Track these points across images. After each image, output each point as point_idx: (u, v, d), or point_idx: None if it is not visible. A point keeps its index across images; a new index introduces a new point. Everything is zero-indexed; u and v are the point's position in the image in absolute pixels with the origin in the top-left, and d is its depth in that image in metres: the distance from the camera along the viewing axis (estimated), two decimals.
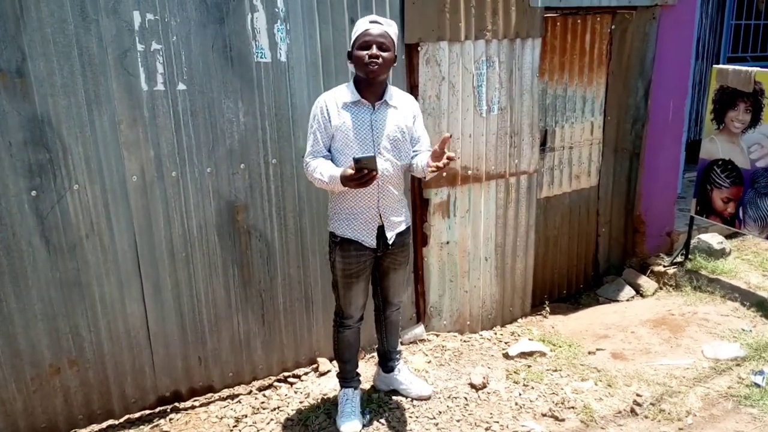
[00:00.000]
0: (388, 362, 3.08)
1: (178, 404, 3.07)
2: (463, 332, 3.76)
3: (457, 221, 3.58)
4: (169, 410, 3.03)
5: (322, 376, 3.27)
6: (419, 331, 3.62)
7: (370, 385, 3.17)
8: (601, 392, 3.11)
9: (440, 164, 2.43)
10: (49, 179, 2.58)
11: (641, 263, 4.56)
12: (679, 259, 4.48)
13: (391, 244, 2.69)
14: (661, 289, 4.32)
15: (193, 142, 2.83)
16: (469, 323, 3.77)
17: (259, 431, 2.87)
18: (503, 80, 3.52)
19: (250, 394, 3.16)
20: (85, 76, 2.55)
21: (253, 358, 3.20)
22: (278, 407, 3.04)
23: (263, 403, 3.08)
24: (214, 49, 2.77)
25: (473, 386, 3.15)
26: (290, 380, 3.25)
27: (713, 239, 4.54)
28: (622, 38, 4.12)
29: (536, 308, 4.09)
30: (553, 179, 4.12)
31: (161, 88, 2.70)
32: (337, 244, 2.67)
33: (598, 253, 4.52)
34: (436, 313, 3.67)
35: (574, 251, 4.39)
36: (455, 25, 3.28)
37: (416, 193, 3.47)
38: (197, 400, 3.11)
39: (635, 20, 4.09)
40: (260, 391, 3.18)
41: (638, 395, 3.04)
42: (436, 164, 2.45)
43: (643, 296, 4.28)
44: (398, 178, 2.68)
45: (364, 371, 3.11)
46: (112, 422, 2.93)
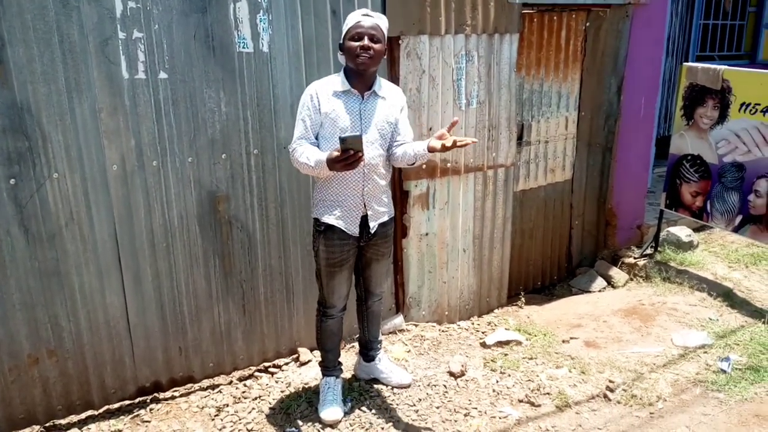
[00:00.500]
0: (369, 351, 3.12)
1: (158, 395, 3.06)
2: (441, 322, 3.82)
3: (436, 213, 3.64)
4: (149, 401, 3.02)
5: (302, 366, 3.30)
6: (398, 321, 3.67)
7: (351, 374, 3.21)
8: (575, 379, 3.20)
9: (446, 144, 2.45)
10: (28, 167, 2.55)
11: (613, 255, 4.69)
12: (649, 251, 4.62)
13: (373, 233, 2.73)
14: (631, 280, 4.45)
15: (174, 131, 2.82)
16: (447, 313, 3.84)
17: (240, 420, 2.88)
18: (482, 74, 3.58)
19: (230, 384, 3.17)
20: (65, 63, 2.52)
21: (233, 348, 3.21)
22: (259, 396, 3.05)
23: (244, 392, 3.09)
24: (196, 38, 2.77)
25: (452, 374, 3.22)
26: (271, 370, 3.27)
27: (682, 232, 4.69)
28: (596, 35, 4.22)
29: (512, 299, 4.18)
30: (529, 173, 4.20)
31: (142, 76, 2.69)
32: (320, 232, 2.70)
33: (571, 245, 4.62)
34: (415, 303, 3.72)
35: (548, 243, 4.49)
36: (435, 19, 3.32)
37: (396, 184, 3.51)
38: (177, 390, 3.10)
39: (609, 18, 4.19)
40: (241, 381, 3.19)
41: (611, 381, 3.14)
42: (438, 145, 2.47)
43: (614, 287, 4.40)
44: (384, 167, 2.71)
45: (345, 360, 3.15)
46: (91, 413, 2.92)
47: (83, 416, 2.90)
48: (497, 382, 3.17)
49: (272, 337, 3.31)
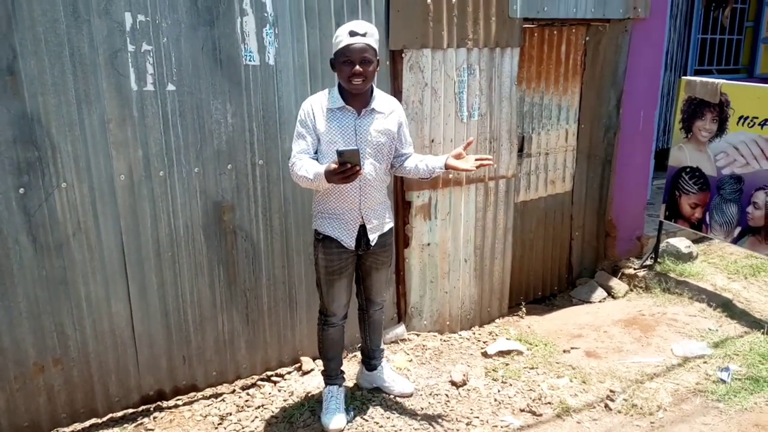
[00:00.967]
0: (371, 360, 3.15)
1: (161, 403, 3.08)
2: (442, 332, 3.84)
3: (438, 223, 3.67)
4: (152, 409, 3.04)
5: (305, 375, 3.32)
6: (400, 330, 3.70)
7: (353, 383, 3.23)
8: (576, 388, 3.22)
9: (467, 167, 2.69)
10: (37, 177, 2.59)
11: (613, 266, 4.72)
12: (648, 262, 4.65)
13: (373, 245, 2.77)
14: (631, 290, 4.48)
15: (181, 142, 2.86)
16: (448, 323, 3.86)
17: (243, 429, 2.90)
18: (483, 87, 3.63)
19: (233, 392, 3.19)
20: (75, 75, 2.57)
21: (237, 357, 3.23)
22: (262, 405, 3.07)
23: (247, 401, 3.11)
24: (203, 51, 2.82)
25: (453, 383, 3.24)
26: (274, 379, 3.29)
27: (681, 243, 4.72)
28: (595, 50, 4.28)
29: (513, 309, 4.21)
30: (529, 184, 4.24)
31: (151, 88, 2.74)
32: (320, 241, 2.73)
33: (571, 256, 4.65)
34: (416, 313, 3.75)
35: (549, 254, 4.52)
36: (438, 33, 3.38)
37: (399, 195, 3.55)
38: (181, 398, 3.12)
39: (608, 32, 4.25)
40: (244, 389, 3.21)
41: (611, 391, 3.16)
42: (461, 166, 2.68)
43: (614, 298, 4.43)
44: (381, 182, 2.74)
45: (347, 369, 3.17)
46: (95, 421, 2.93)
47: (87, 424, 2.92)
48: (499, 391, 3.20)
49: (275, 346, 3.33)
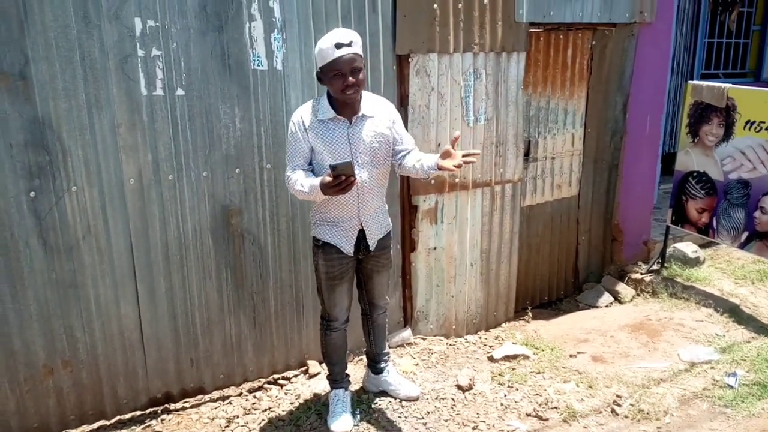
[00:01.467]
0: (376, 364, 3.15)
1: (169, 405, 3.10)
2: (449, 336, 3.85)
3: (444, 228, 3.68)
4: (160, 411, 3.06)
5: (312, 378, 3.33)
6: (406, 334, 3.70)
7: (359, 386, 3.24)
8: (582, 393, 3.22)
9: (456, 164, 2.46)
10: (48, 181, 2.62)
11: (619, 271, 4.71)
12: (655, 267, 4.64)
13: (372, 249, 2.78)
14: (638, 295, 4.47)
15: (190, 146, 2.89)
16: (454, 327, 3.87)
17: (251, 431, 2.92)
18: (489, 92, 3.64)
19: (240, 395, 3.20)
20: (86, 80, 2.60)
21: (244, 360, 3.25)
22: (269, 408, 3.09)
23: (254, 404, 3.13)
24: (212, 56, 2.84)
25: (460, 387, 3.24)
26: (280, 382, 3.30)
27: (688, 248, 4.71)
28: (602, 54, 4.28)
29: (519, 313, 4.21)
30: (535, 188, 4.25)
31: (160, 93, 2.76)
32: (319, 248, 2.74)
33: (578, 260, 4.65)
34: (423, 317, 3.76)
35: (555, 258, 4.52)
36: (444, 37, 3.40)
37: (405, 199, 3.56)
38: (188, 401, 3.14)
39: (615, 37, 4.26)
40: (251, 392, 3.23)
41: (618, 396, 3.16)
42: (450, 166, 2.48)
43: (621, 302, 4.42)
44: (378, 187, 2.73)
45: (353, 373, 3.18)
46: (103, 423, 2.96)
47: (95, 426, 2.94)
48: (505, 395, 3.20)
49: (282, 349, 3.34)
